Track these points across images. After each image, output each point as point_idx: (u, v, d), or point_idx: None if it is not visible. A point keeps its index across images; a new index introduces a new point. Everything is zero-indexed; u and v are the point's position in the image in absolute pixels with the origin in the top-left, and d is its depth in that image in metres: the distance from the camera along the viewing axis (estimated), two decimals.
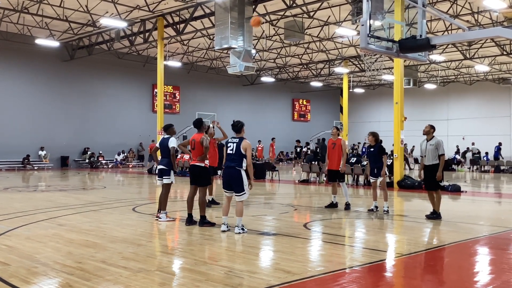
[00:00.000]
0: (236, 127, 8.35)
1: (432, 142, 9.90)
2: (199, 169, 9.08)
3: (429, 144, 9.92)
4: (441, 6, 21.36)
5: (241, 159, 8.09)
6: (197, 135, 9.26)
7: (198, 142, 9.09)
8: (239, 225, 8.21)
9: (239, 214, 8.22)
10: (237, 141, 8.19)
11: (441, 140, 9.97)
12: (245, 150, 8.09)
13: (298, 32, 23.87)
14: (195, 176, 9.15)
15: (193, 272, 5.74)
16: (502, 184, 22.03)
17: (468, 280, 5.68)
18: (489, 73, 38.11)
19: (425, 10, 8.16)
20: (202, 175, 9.11)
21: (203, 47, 31.65)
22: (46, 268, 5.86)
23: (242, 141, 8.16)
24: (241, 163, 8.09)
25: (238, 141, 8.19)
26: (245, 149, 8.10)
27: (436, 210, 10.01)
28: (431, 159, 9.88)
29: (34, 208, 11.19)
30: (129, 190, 17.59)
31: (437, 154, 9.81)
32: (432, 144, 9.89)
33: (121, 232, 8.32)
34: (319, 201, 13.78)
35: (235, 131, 8.38)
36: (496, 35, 9.36)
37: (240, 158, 8.09)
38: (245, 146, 8.10)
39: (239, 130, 8.33)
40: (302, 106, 47.40)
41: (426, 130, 10.10)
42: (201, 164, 9.08)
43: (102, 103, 33.21)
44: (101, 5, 22.84)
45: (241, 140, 8.18)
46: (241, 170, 8.11)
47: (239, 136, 8.32)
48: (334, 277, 5.63)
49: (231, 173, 8.17)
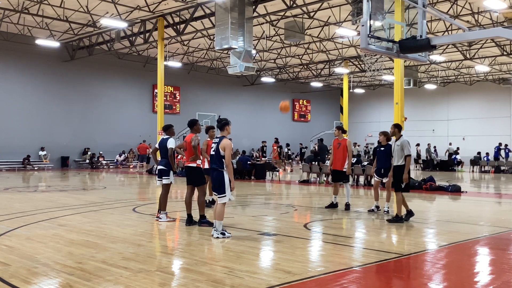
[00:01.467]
0: (219, 123, 8.01)
1: (398, 143, 9.70)
2: (191, 169, 9.16)
3: (396, 145, 9.74)
4: (441, 7, 21.36)
5: (221, 159, 7.70)
6: (189, 135, 9.37)
7: (188, 143, 9.21)
8: (218, 229, 7.75)
9: (218, 217, 7.73)
10: (218, 141, 7.81)
11: (407, 141, 9.69)
12: (223, 150, 7.66)
13: (298, 32, 23.87)
14: (189, 176, 9.24)
15: (193, 272, 5.74)
16: (501, 185, 22.02)
17: (468, 281, 5.68)
18: (489, 74, 38.12)
19: (425, 11, 8.16)
20: (195, 175, 9.15)
21: (203, 47, 31.66)
22: (47, 269, 5.86)
23: (221, 140, 7.76)
24: (223, 164, 7.70)
25: (219, 141, 7.79)
26: (223, 148, 7.66)
27: (397, 213, 9.66)
28: (397, 159, 9.64)
29: (35, 209, 11.19)
30: (129, 191, 17.60)
31: (403, 155, 9.56)
32: (398, 144, 9.68)
33: (121, 232, 8.32)
34: (319, 201, 13.78)
35: (219, 128, 8.03)
36: (496, 35, 9.36)
37: (221, 158, 7.70)
38: (223, 145, 7.66)
39: (222, 127, 7.95)
40: (303, 106, 47.41)
41: (391, 131, 9.99)
42: (192, 165, 9.13)
43: (103, 103, 33.23)
44: (101, 5, 22.85)
45: (221, 140, 7.78)
46: (223, 171, 7.70)
47: (222, 135, 7.92)
48: (334, 277, 5.63)
49: (214, 175, 7.82)
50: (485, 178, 26.02)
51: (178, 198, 13.91)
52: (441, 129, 43.40)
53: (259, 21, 24.51)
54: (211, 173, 7.95)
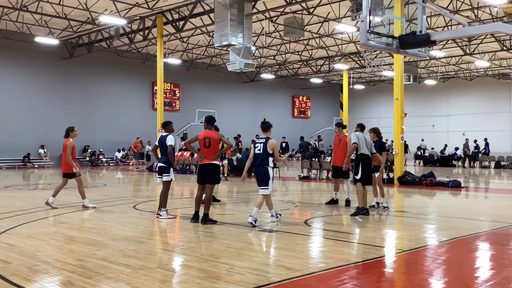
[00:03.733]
0: (264, 125, 8.95)
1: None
2: (212, 167, 8.98)
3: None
4: (441, 2, 21.32)
5: (268, 157, 8.67)
6: (211, 132, 9.14)
7: (215, 140, 8.99)
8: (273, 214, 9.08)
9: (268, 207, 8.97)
10: (264, 141, 8.73)
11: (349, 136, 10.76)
12: (272, 149, 8.66)
13: (297, 28, 23.82)
14: (207, 174, 9.01)
15: (194, 269, 5.75)
16: (491, 179, 22.03)
17: (469, 276, 5.69)
18: (489, 69, 38.08)
19: (425, 6, 8.15)
20: (215, 173, 9.05)
21: (203, 44, 31.61)
22: (47, 266, 5.87)
23: (268, 141, 8.71)
24: (268, 162, 8.70)
25: (265, 141, 8.72)
26: (272, 148, 8.66)
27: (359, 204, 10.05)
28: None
29: (35, 206, 11.20)
30: (129, 188, 17.61)
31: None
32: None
33: (122, 229, 8.32)
34: (319, 197, 13.79)
35: (263, 130, 8.94)
36: (496, 30, 9.35)
37: (267, 157, 8.67)
38: (272, 145, 8.67)
39: (267, 129, 8.90)
40: (302, 102, 47.38)
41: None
42: (216, 162, 9.03)
43: (102, 101, 33.21)
44: (100, 2, 22.81)
45: (267, 140, 8.72)
46: (268, 167, 8.69)
47: (266, 135, 8.87)
48: (335, 273, 5.63)
49: (259, 170, 8.72)
50: (484, 173, 26.04)
51: (179, 196, 13.92)
52: (441, 124, 43.37)
53: (258, 18, 24.47)
54: (256, 169, 8.78)
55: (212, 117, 9.46)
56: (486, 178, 23.17)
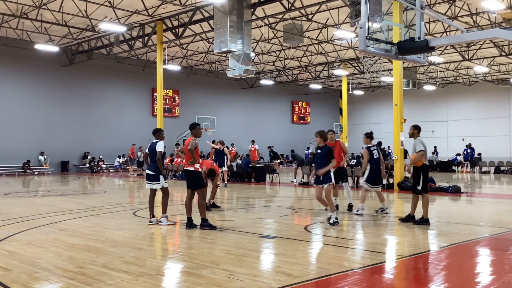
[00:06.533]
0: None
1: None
2: (189, 173, 9.21)
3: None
4: (439, 8, 21.41)
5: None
6: (188, 139, 9.43)
7: (186, 146, 9.31)
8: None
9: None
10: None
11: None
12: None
13: (297, 35, 23.90)
14: (188, 180, 9.30)
15: (194, 276, 5.74)
16: (502, 185, 22.02)
17: (469, 281, 5.68)
18: (488, 74, 38.16)
19: (423, 12, 8.18)
20: (194, 179, 9.18)
21: (202, 50, 31.69)
22: (48, 273, 5.86)
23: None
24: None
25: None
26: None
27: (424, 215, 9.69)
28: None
29: (35, 213, 11.19)
30: (129, 195, 17.59)
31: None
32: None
33: (122, 236, 8.32)
34: (319, 203, 13.75)
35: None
36: (495, 36, 9.37)
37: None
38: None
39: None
40: (302, 108, 47.44)
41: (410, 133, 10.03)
42: (190, 168, 9.15)
43: (102, 107, 33.24)
44: (100, 10, 22.88)
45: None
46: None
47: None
48: (335, 279, 5.63)
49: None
50: (483, 178, 26.03)
51: (177, 202, 13.90)
52: (441, 130, 43.40)
53: (257, 24, 24.55)
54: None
55: (193, 123, 9.63)
56: (484, 183, 23.15)
